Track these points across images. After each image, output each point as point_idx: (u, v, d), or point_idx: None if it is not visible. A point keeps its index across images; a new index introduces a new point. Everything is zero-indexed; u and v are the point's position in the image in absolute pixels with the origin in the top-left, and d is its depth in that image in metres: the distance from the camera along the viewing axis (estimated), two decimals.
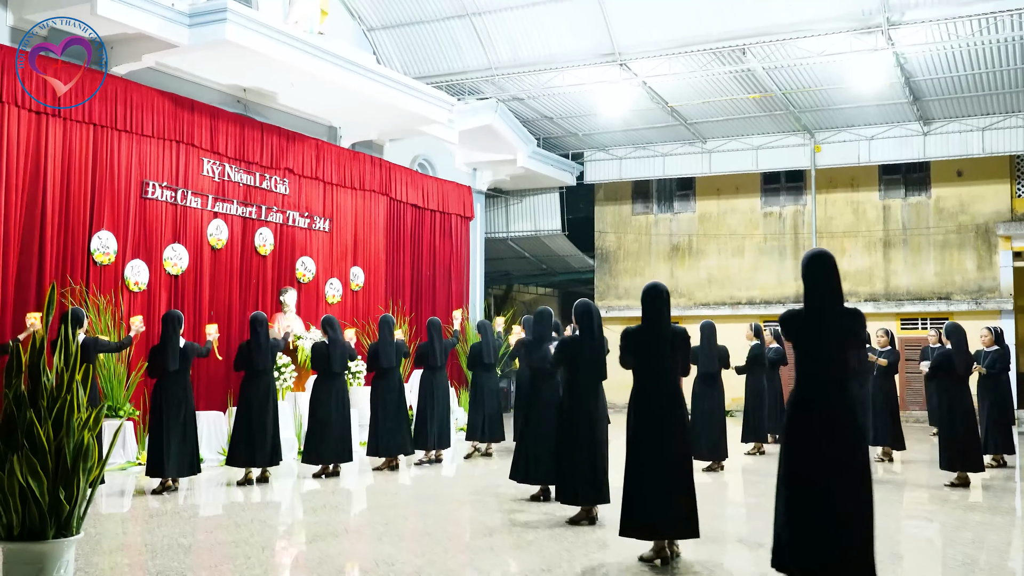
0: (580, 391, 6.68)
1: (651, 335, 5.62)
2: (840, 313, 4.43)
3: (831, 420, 4.31)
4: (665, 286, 5.80)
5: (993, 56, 14.10)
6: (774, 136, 18.53)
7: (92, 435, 3.46)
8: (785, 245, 19.91)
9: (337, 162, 14.58)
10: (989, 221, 18.07)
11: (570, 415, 6.64)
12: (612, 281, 21.75)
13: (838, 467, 4.26)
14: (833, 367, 4.36)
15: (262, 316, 9.15)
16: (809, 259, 4.56)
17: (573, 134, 19.23)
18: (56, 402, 3.47)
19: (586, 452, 6.50)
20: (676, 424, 5.44)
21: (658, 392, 5.52)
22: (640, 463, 5.35)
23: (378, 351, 9.78)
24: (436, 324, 10.70)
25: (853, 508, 4.19)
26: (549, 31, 14.75)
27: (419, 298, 16.79)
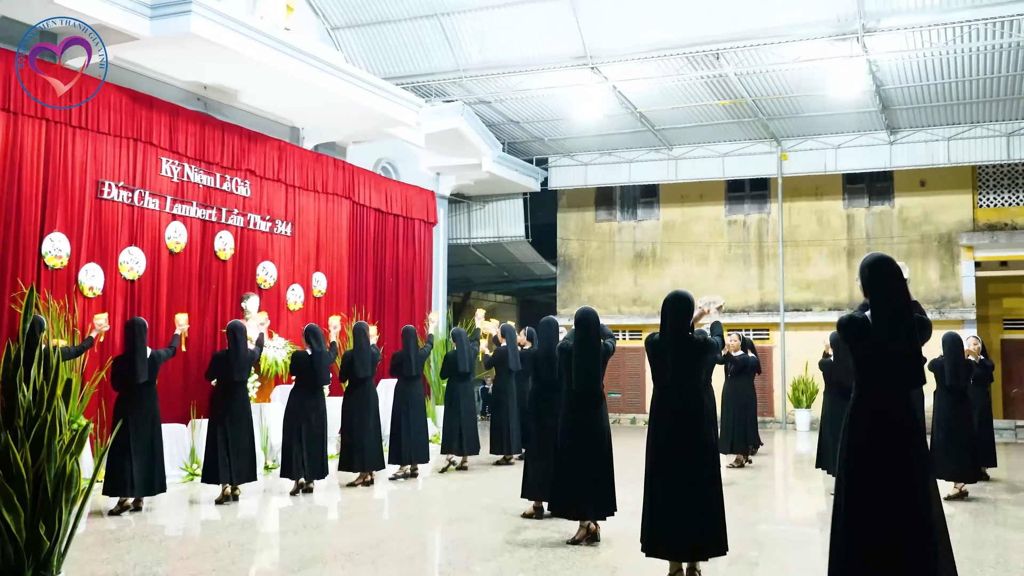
0: (579, 401, 6.35)
1: (671, 343, 5.30)
2: (906, 323, 4.14)
3: (898, 435, 4.03)
4: (687, 293, 5.48)
5: (963, 66, 14.14)
6: (741, 144, 18.44)
7: (75, 460, 3.02)
8: (749, 253, 19.83)
9: (300, 164, 14.07)
10: (952, 231, 18.17)
11: (569, 426, 6.30)
12: (575, 289, 21.49)
13: (903, 487, 3.97)
14: (903, 379, 4.08)
15: (241, 325, 8.66)
16: (872, 263, 4.26)
17: (539, 139, 18.94)
18: (34, 423, 3.02)
19: (587, 464, 6.16)
20: (697, 435, 5.13)
21: (678, 403, 5.21)
22: (659, 477, 5.04)
23: (353, 360, 9.31)
24: (412, 332, 10.27)
25: (919, 529, 3.91)
26: (520, 33, 14.43)
27: (382, 305, 16.33)
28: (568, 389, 6.47)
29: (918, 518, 3.93)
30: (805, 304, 19.19)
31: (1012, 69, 14.17)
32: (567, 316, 21.11)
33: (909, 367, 4.07)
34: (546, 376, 7.33)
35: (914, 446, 4.04)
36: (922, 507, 3.95)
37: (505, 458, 11.37)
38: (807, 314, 18.98)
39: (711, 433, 5.29)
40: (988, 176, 18.12)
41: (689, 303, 5.37)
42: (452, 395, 10.90)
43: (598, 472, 6.24)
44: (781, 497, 10.54)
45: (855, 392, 4.24)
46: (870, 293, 4.20)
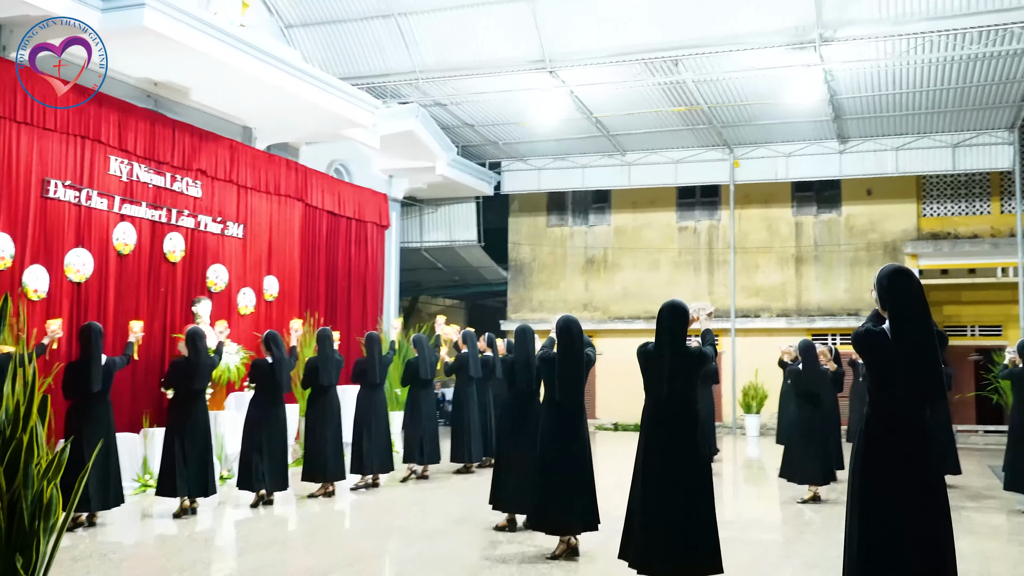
0: (561, 412, 6.21)
1: (668, 354, 5.19)
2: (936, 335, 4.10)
3: (915, 450, 3.99)
4: (682, 302, 5.39)
5: (914, 77, 14.38)
6: (694, 150, 18.54)
7: (55, 485, 2.80)
8: (700, 260, 19.96)
9: (252, 164, 13.73)
10: (897, 239, 18.51)
11: (550, 438, 6.15)
12: (526, 294, 21.41)
13: (917, 498, 3.93)
14: (924, 394, 4.03)
15: (201, 331, 8.34)
16: (892, 274, 4.19)
17: (493, 143, 18.81)
18: (9, 444, 2.79)
19: (569, 477, 6.03)
20: (691, 449, 5.03)
21: (672, 415, 5.11)
22: (652, 491, 4.92)
23: (317, 367, 9.05)
24: (376, 338, 10.04)
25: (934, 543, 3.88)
26: (478, 35, 14.28)
27: (334, 309, 16.04)
28: (550, 399, 6.33)
29: (933, 535, 3.90)
30: (754, 310, 19.36)
31: (960, 81, 14.46)
32: (518, 321, 21.02)
33: (930, 381, 4.01)
34: (522, 385, 7.19)
35: (931, 461, 4.01)
36: (937, 523, 3.92)
37: (465, 466, 11.19)
38: (756, 320, 19.17)
39: (704, 446, 5.21)
40: (932, 186, 18.49)
41: (686, 313, 5.27)
42: (413, 403, 10.68)
43: (580, 485, 6.11)
44: (746, 505, 10.55)
45: (870, 407, 4.17)
46: (889, 305, 4.13)
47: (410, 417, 10.61)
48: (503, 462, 7.26)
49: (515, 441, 7.15)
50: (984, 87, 14.61)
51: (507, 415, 7.33)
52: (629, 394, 7.44)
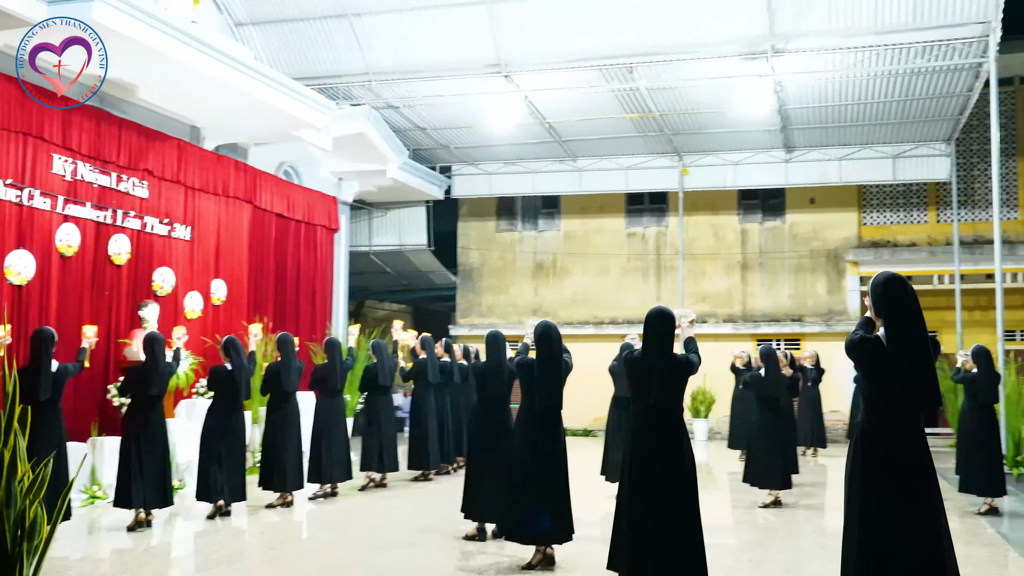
0: (538, 420, 6.13)
1: (656, 362, 5.14)
2: (932, 344, 4.14)
3: (912, 456, 4.01)
4: (669, 308, 5.36)
5: (860, 89, 14.69)
6: (644, 157, 18.67)
7: (39, 504, 2.66)
8: (648, 266, 20.11)
9: (200, 165, 13.44)
10: (839, 247, 18.89)
11: (527, 446, 6.08)
12: (475, 298, 21.33)
13: (916, 502, 3.96)
14: (920, 400, 4.06)
15: (160, 336, 8.08)
16: (886, 281, 4.21)
17: (444, 147, 18.71)
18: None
19: (545, 486, 5.97)
20: (680, 459, 5.01)
21: (661, 424, 5.08)
22: (640, 502, 4.88)
23: (280, 373, 8.85)
24: (337, 344, 9.84)
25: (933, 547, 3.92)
26: (434, 38, 14.18)
27: (283, 314, 15.77)
28: (527, 407, 6.25)
29: (933, 540, 3.93)
30: (701, 316, 19.53)
31: (902, 95, 14.81)
32: (467, 326, 20.95)
33: (926, 386, 4.05)
34: (493, 391, 7.11)
35: (929, 467, 4.05)
36: (937, 528, 3.96)
37: (424, 474, 11.06)
38: (703, 326, 19.30)
39: (691, 458, 5.19)
40: (872, 195, 18.91)
41: (672, 319, 5.25)
42: (372, 410, 10.51)
43: (556, 494, 6.05)
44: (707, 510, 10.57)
45: (866, 413, 4.20)
46: (885, 311, 4.16)
47: (368, 424, 10.44)
48: (474, 470, 7.15)
49: (486, 448, 7.06)
50: (925, 100, 14.99)
51: (478, 422, 7.23)
52: (580, 399, 7.41)
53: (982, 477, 8.96)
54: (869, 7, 12.22)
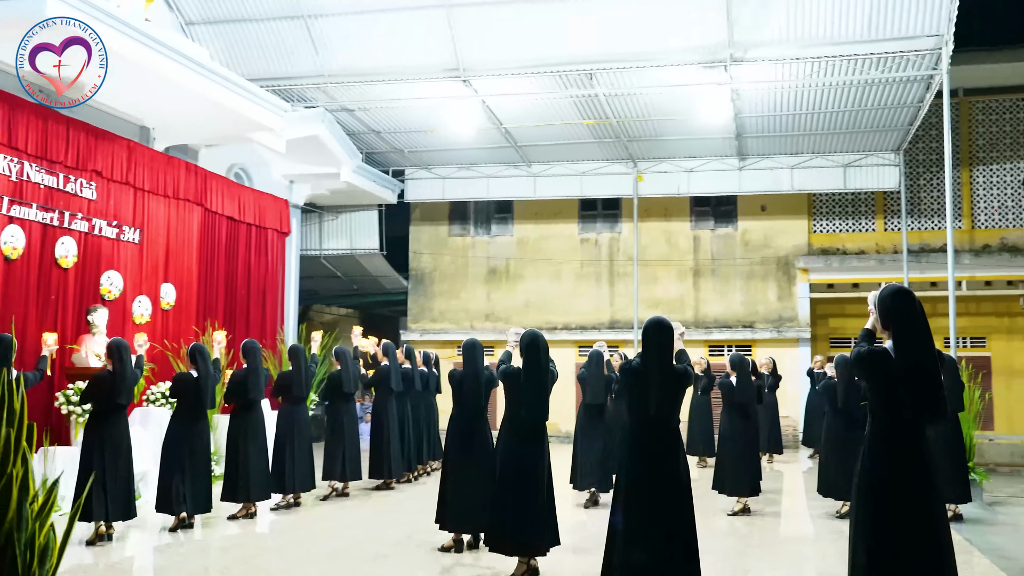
0: (524, 430, 6.02)
1: (657, 373, 5.05)
2: (938, 357, 4.13)
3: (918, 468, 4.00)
4: (667, 319, 5.28)
5: (814, 99, 14.89)
6: (599, 163, 18.72)
7: (50, 526, 2.48)
8: (601, 272, 20.15)
9: (150, 166, 13.06)
10: (790, 254, 19.14)
11: (512, 456, 5.95)
12: (427, 304, 21.15)
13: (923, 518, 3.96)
14: (928, 412, 4.05)
15: (126, 343, 7.77)
16: (895, 293, 4.21)
17: (398, 150, 18.51)
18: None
19: (531, 497, 5.86)
20: (677, 473, 4.94)
21: (659, 436, 5.00)
22: (636, 517, 4.79)
23: (247, 381, 8.59)
24: (301, 351, 9.61)
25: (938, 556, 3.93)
26: (391, 41, 14.00)
27: (233, 319, 15.40)
28: (513, 417, 6.12)
29: (937, 548, 3.94)
30: None
31: (855, 104, 15.07)
32: (418, 331, 20.76)
33: (934, 399, 4.05)
34: (471, 399, 6.98)
35: (934, 477, 4.05)
36: (940, 536, 3.97)
37: (385, 483, 10.86)
38: None
39: (688, 470, 5.13)
40: (821, 204, 19.21)
41: (672, 330, 5.17)
42: (335, 418, 10.27)
43: (542, 505, 5.94)
44: None
45: (872, 426, 4.18)
46: (893, 324, 4.15)
47: (332, 433, 10.20)
48: (450, 479, 7.00)
49: (464, 457, 6.92)
50: (876, 111, 15.27)
51: (455, 430, 7.08)
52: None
53: (950, 484, 9.09)
54: (826, 18, 12.39)
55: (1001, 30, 17.16)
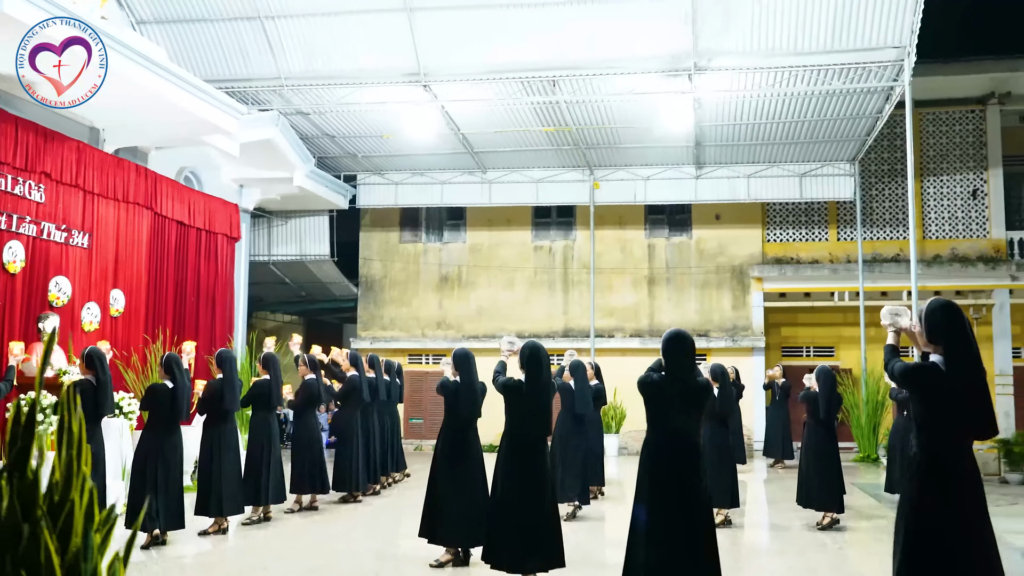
0: (528, 445, 5.82)
1: (679, 386, 4.94)
2: (981, 369, 4.06)
3: (970, 483, 3.94)
4: (686, 332, 5.18)
5: (774, 108, 15.04)
6: (555, 170, 18.65)
7: (118, 558, 2.24)
8: (555, 279, 20.08)
9: (100, 169, 12.59)
10: (744, 263, 19.31)
11: (513, 472, 5.74)
12: (377, 311, 20.82)
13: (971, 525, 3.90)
14: (980, 426, 4.00)
15: (103, 352, 7.38)
16: (944, 307, 4.14)
17: (351, 155, 18.20)
18: (62, 506, 2.21)
19: (539, 512, 5.68)
20: (698, 489, 4.82)
21: (681, 451, 4.87)
22: (657, 533, 4.66)
23: (223, 391, 8.23)
24: (276, 360, 9.28)
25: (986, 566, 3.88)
26: (351, 44, 13.73)
27: (182, 326, 14.93)
28: (517, 432, 5.89)
29: (985, 558, 3.89)
30: (608, 330, 19.66)
31: (814, 115, 15.28)
32: (368, 339, 20.41)
33: (984, 414, 4.00)
34: (466, 411, 6.77)
35: (980, 494, 4.00)
36: (989, 547, 3.92)
37: (351, 494, 10.55)
38: (610, 340, 19.45)
39: (707, 484, 5.02)
40: (775, 213, 19.44)
41: (693, 342, 5.07)
42: (302, 428, 9.94)
43: (548, 520, 5.76)
44: None
45: (921, 440, 4.09)
46: (944, 339, 4.07)
47: (299, 444, 9.86)
48: (443, 493, 6.75)
49: (458, 470, 6.71)
50: (835, 121, 15.50)
51: (447, 442, 6.84)
52: (484, 414, 7.17)
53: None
54: (790, 29, 12.51)
55: (949, 43, 17.62)
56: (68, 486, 2.28)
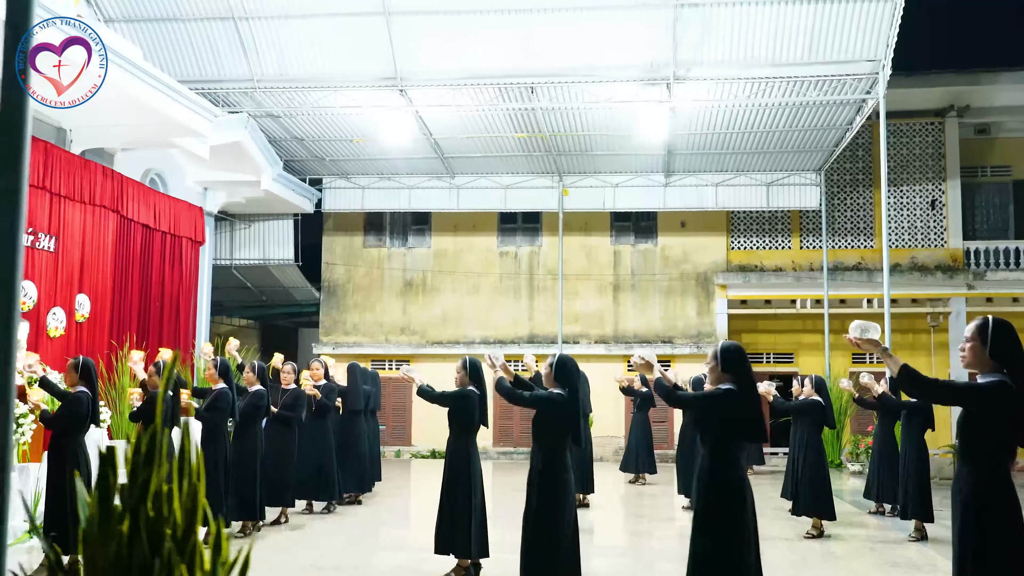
0: (560, 459, 5.72)
1: (754, 398, 4.81)
2: None
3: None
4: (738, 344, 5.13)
5: (747, 118, 15.21)
6: (524, 176, 18.64)
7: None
8: (520, 285, 20.05)
9: (67, 171, 12.24)
10: (708, 270, 19.49)
11: (549, 485, 5.65)
12: (340, 316, 20.58)
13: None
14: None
15: (92, 362, 7.12)
16: (1008, 324, 4.14)
17: (319, 158, 17.97)
18: (187, 539, 2.10)
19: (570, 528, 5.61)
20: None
21: (743, 468, 4.84)
22: (752, 547, 4.64)
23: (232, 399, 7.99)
24: (263, 369, 9.06)
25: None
26: (327, 47, 13.56)
27: (147, 331, 14.59)
28: (559, 443, 5.76)
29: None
30: (573, 337, 19.68)
31: (786, 125, 15.48)
32: (331, 344, 20.15)
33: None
34: (480, 421, 6.70)
35: None
36: None
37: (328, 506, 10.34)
38: (575, 347, 19.46)
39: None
40: (739, 221, 19.66)
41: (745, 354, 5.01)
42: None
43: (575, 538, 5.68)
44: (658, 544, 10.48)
45: (993, 457, 4.08)
46: (1013, 356, 4.07)
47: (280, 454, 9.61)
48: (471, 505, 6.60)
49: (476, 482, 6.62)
50: (805, 132, 15.73)
51: (464, 454, 6.70)
52: (438, 419, 7.09)
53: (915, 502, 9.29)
54: (767, 41, 12.68)
55: (910, 57, 18.00)
56: (192, 518, 2.18)
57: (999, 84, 18.20)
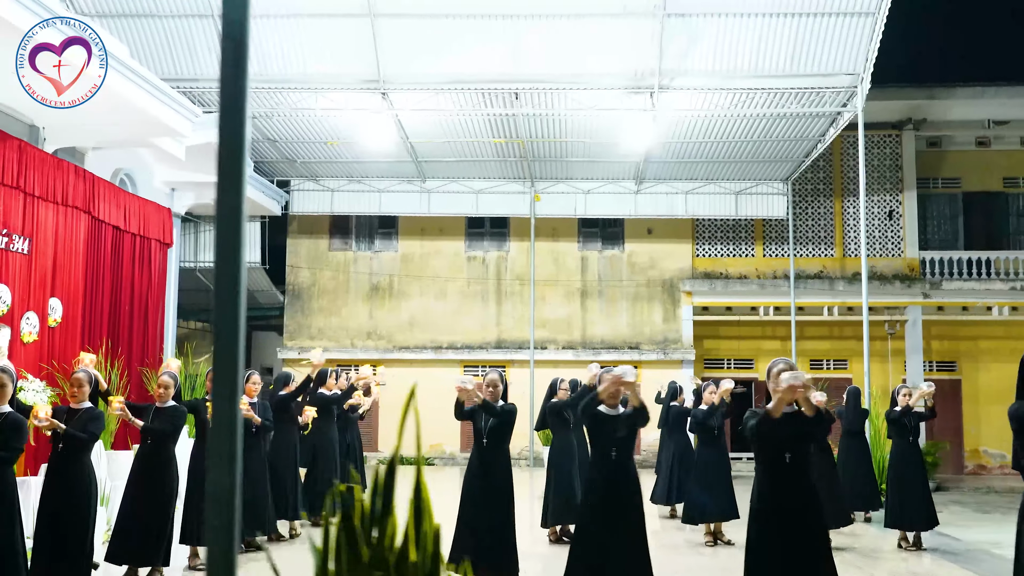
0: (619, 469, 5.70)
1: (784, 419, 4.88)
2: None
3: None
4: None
5: (724, 128, 15.44)
6: (496, 181, 18.63)
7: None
8: (488, 290, 20.03)
9: (41, 170, 11.84)
10: (674, 277, 19.72)
11: (610, 500, 5.61)
12: (305, 320, 20.31)
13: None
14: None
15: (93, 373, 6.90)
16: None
17: (289, 160, 17.72)
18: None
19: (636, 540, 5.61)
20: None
21: (795, 481, 4.88)
22: (778, 564, 4.68)
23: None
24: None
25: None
26: (310, 48, 13.38)
27: (116, 336, 14.19)
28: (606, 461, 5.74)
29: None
30: (541, 342, 19.73)
31: (760, 135, 15.75)
32: (296, 349, 19.86)
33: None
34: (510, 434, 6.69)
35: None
36: None
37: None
38: (543, 352, 19.52)
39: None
40: (704, 228, 19.94)
41: None
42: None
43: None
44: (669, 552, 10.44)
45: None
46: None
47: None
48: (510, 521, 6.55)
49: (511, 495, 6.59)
50: (777, 142, 16.02)
51: (505, 468, 6.66)
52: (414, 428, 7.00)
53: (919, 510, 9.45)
54: (750, 52, 12.89)
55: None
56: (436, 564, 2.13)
57: (953, 99, 18.78)
